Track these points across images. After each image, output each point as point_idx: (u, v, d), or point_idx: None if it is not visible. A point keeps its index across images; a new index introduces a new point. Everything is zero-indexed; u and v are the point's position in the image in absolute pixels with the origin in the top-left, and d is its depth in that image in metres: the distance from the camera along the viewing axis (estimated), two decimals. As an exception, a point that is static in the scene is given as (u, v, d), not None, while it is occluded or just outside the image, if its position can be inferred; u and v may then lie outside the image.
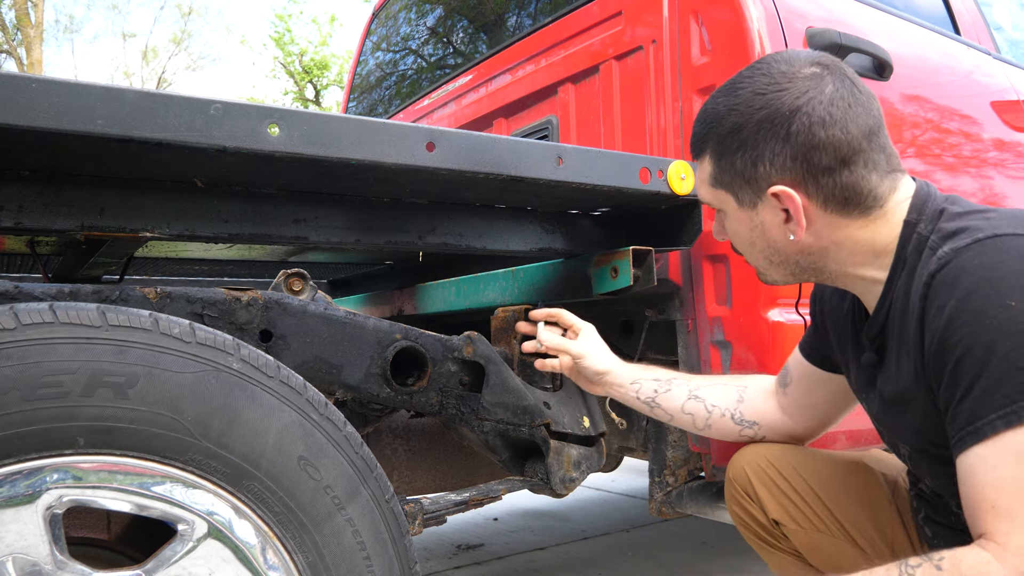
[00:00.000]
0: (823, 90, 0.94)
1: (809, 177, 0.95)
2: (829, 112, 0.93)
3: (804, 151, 0.94)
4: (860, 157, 0.94)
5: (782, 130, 0.95)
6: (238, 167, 1.10)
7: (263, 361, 0.97)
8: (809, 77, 0.95)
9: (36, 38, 16.59)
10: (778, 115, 0.95)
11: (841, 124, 0.93)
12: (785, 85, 0.95)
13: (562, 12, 2.08)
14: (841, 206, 0.97)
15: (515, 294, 1.72)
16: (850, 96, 0.95)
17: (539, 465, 1.48)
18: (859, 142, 0.94)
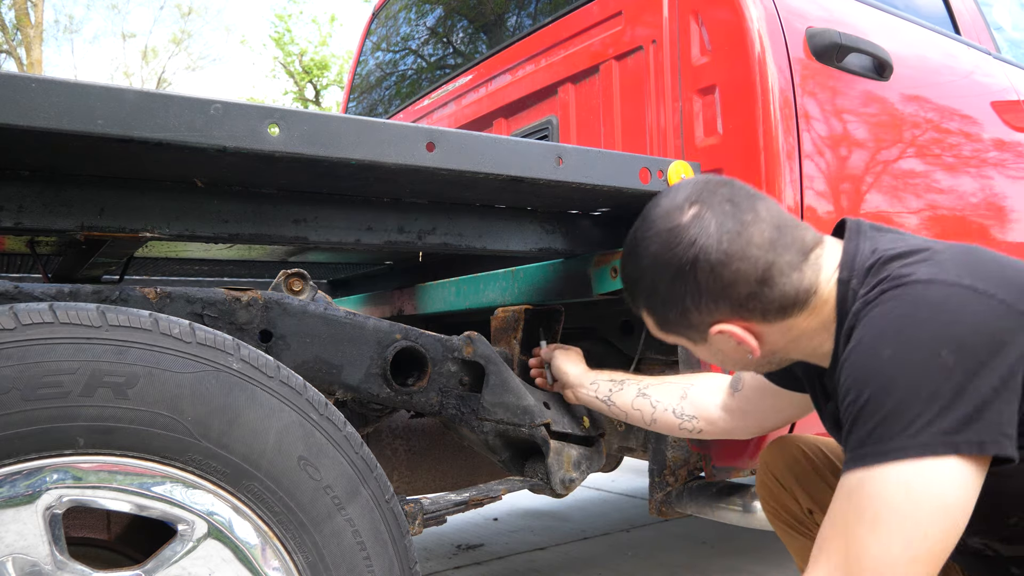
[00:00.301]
0: (708, 231, 0.96)
1: (738, 308, 0.99)
2: (724, 251, 0.95)
3: (720, 293, 0.97)
4: (773, 270, 0.96)
5: (692, 283, 0.98)
6: (238, 167, 1.10)
7: (263, 361, 0.97)
8: (691, 223, 0.97)
9: (36, 38, 16.59)
10: (681, 271, 0.98)
11: (739, 255, 0.95)
12: (674, 241, 0.98)
13: (562, 12, 2.08)
14: (781, 315, 0.99)
15: (515, 294, 1.72)
16: (736, 223, 0.96)
17: (539, 465, 1.48)
18: (765, 259, 0.96)
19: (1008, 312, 0.79)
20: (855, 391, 0.83)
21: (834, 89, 1.71)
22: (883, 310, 0.84)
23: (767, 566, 2.53)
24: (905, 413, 0.77)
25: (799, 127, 1.61)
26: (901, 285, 0.85)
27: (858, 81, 1.75)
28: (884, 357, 0.80)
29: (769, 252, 0.96)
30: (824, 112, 1.68)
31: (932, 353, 0.77)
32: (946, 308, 0.80)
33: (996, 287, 0.81)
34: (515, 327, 1.57)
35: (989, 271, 0.84)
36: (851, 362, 0.85)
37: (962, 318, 0.79)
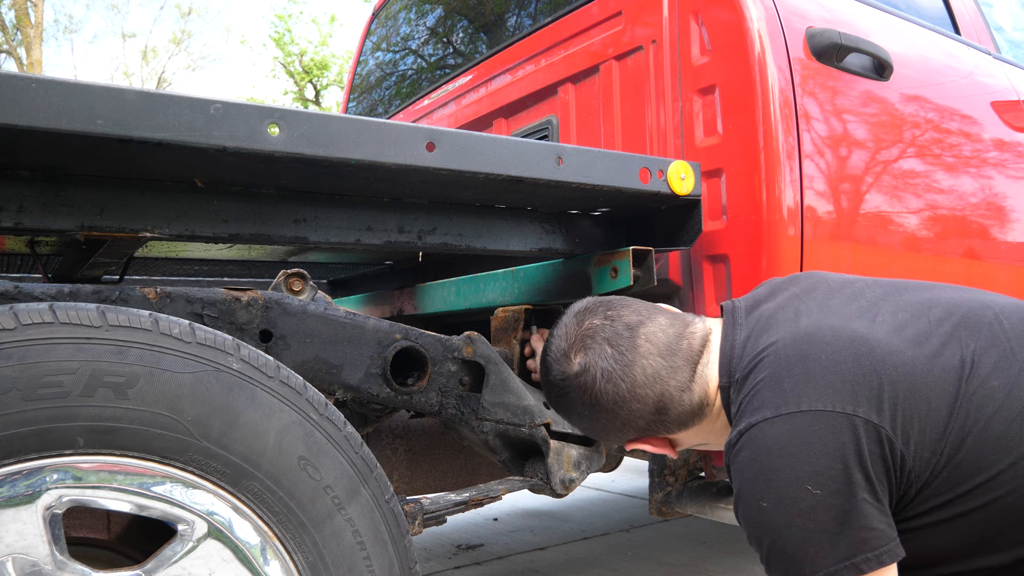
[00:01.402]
0: (596, 380, 1.01)
1: (643, 432, 1.06)
2: (614, 396, 1.00)
3: (622, 427, 1.04)
4: (664, 399, 1.01)
5: (599, 423, 1.05)
6: (238, 167, 1.10)
7: (263, 361, 0.97)
8: (578, 375, 1.02)
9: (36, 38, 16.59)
10: (584, 415, 1.05)
11: (628, 397, 1.01)
12: (570, 391, 1.04)
13: (562, 12, 2.08)
14: (685, 427, 1.06)
15: (515, 294, 1.72)
16: (620, 366, 1.00)
17: (539, 465, 1.48)
18: (653, 393, 1.01)
19: (842, 421, 0.84)
20: (755, 540, 0.90)
21: (834, 89, 1.71)
22: (745, 460, 0.90)
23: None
24: (804, 554, 0.84)
25: (799, 127, 1.61)
26: (751, 427, 0.90)
27: (858, 81, 1.75)
28: (765, 509, 0.86)
29: (656, 384, 1.00)
30: (824, 112, 1.68)
31: (801, 492, 0.83)
32: (792, 445, 0.85)
33: (825, 395, 0.85)
34: (515, 327, 1.57)
35: (816, 372, 0.87)
36: (741, 516, 0.91)
37: (808, 449, 0.84)
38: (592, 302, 1.10)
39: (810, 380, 0.87)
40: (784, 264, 1.55)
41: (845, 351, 0.89)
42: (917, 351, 0.89)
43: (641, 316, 1.04)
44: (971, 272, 1.94)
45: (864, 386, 0.86)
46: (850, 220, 1.69)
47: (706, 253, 1.65)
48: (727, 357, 1.01)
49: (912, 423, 0.85)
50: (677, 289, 1.71)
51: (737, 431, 0.92)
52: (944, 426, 0.85)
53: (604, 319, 1.04)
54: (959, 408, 0.85)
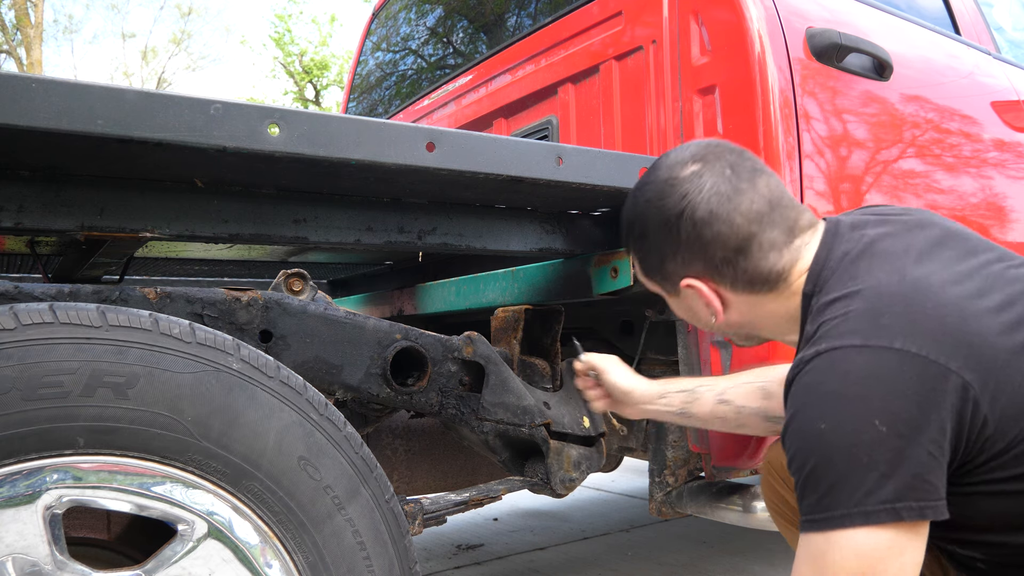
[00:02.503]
0: (702, 189, 1.00)
1: (710, 269, 1.03)
2: (710, 210, 1.00)
3: (697, 250, 1.02)
4: (753, 243, 1.00)
5: (674, 234, 1.03)
6: (238, 167, 1.10)
7: (263, 361, 0.97)
8: (688, 178, 1.02)
9: (36, 38, 16.59)
10: (668, 222, 1.03)
11: (725, 218, 0.99)
12: (668, 192, 1.03)
13: (562, 12, 2.08)
14: (749, 287, 1.03)
15: (515, 294, 1.72)
16: (730, 188, 1.00)
17: (539, 465, 1.48)
18: (747, 229, 0.99)
19: (934, 370, 0.81)
20: (799, 460, 0.86)
21: (834, 89, 1.71)
22: (815, 379, 0.86)
23: (768, 566, 2.53)
24: (848, 484, 0.80)
25: (799, 127, 1.61)
26: (833, 349, 0.86)
27: (858, 81, 1.75)
28: (822, 431, 0.83)
29: (753, 224, 0.99)
30: (824, 112, 1.68)
31: (866, 424, 0.80)
32: (874, 377, 0.82)
33: (923, 341, 0.82)
34: (515, 327, 1.57)
35: (918, 317, 0.85)
36: (792, 432, 0.88)
37: (891, 386, 0.81)
38: (725, 141, 1.09)
39: (911, 323, 0.84)
40: (784, 264, 1.55)
41: (951, 308, 0.85)
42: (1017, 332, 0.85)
43: (766, 168, 1.04)
44: (971, 272, 1.94)
45: (964, 344, 0.83)
46: (850, 220, 1.69)
47: (706, 253, 1.64)
48: (820, 264, 0.99)
49: (1004, 393, 0.82)
50: (677, 289, 1.70)
51: (815, 350, 0.88)
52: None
53: (733, 151, 1.03)
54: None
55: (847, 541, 0.80)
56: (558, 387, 1.57)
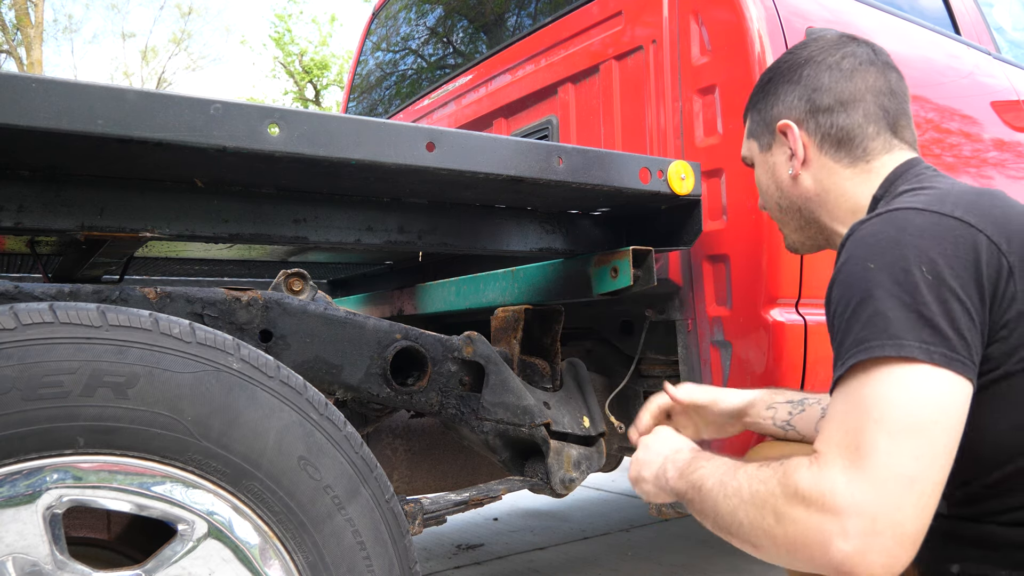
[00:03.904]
0: (840, 48, 1.09)
1: (810, 115, 1.10)
2: (838, 63, 1.08)
3: (809, 91, 1.09)
4: (860, 106, 1.06)
5: (796, 74, 1.12)
6: (238, 167, 1.10)
7: (263, 361, 0.97)
8: (832, 40, 1.11)
9: (36, 38, 16.58)
10: (796, 64, 1.12)
11: (847, 74, 1.07)
12: (809, 43, 1.12)
13: (562, 12, 2.08)
14: (835, 148, 1.08)
15: (515, 294, 1.72)
16: (865, 59, 1.08)
17: (539, 465, 1.48)
18: (862, 93, 1.06)
19: (984, 241, 0.83)
20: (844, 301, 0.86)
21: (834, 89, 1.71)
22: (872, 231, 0.88)
23: (767, 566, 2.53)
24: (888, 318, 0.81)
25: (799, 127, 1.61)
26: (896, 209, 0.89)
27: (858, 81, 1.75)
28: (871, 270, 0.84)
29: (869, 93, 1.07)
30: (824, 112, 1.68)
31: (914, 268, 0.82)
32: (929, 232, 0.84)
33: (981, 220, 0.85)
34: (515, 327, 1.57)
35: (983, 208, 0.87)
36: (840, 277, 0.89)
37: (943, 245, 0.83)
38: None
39: (973, 204, 0.87)
40: (784, 264, 1.55)
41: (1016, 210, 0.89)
42: None
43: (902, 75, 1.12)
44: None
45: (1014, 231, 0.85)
46: (850, 220, 1.69)
47: (706, 253, 1.65)
48: (896, 175, 1.04)
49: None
50: (677, 289, 1.71)
51: (876, 212, 0.91)
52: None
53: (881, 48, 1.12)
54: None
55: (882, 373, 0.80)
56: (558, 387, 1.57)
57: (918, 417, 0.78)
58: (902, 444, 0.77)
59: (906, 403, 0.78)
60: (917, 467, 0.77)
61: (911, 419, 0.78)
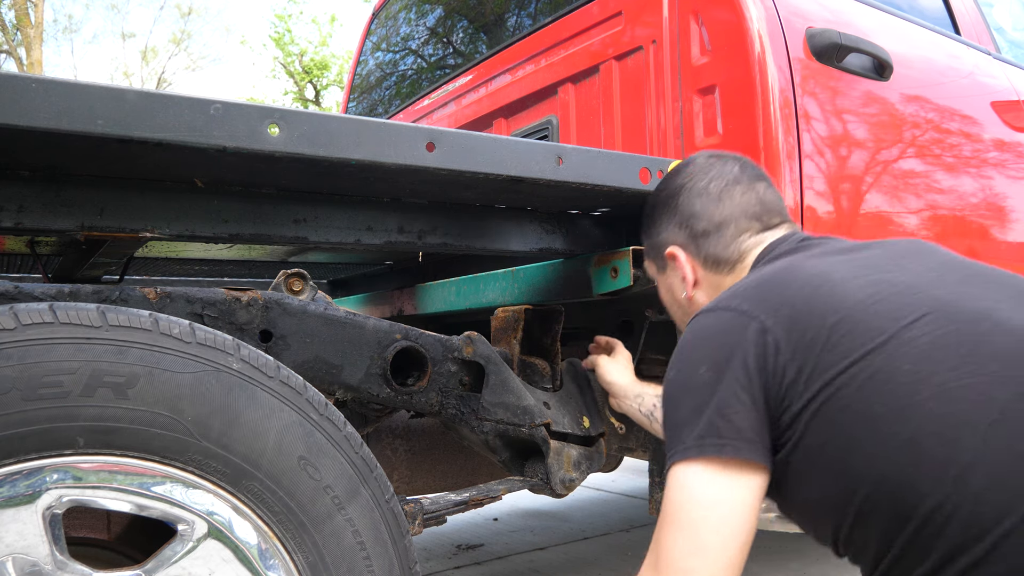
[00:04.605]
0: (708, 172, 1.15)
1: (691, 240, 1.16)
2: (707, 188, 1.14)
3: (686, 219, 1.16)
4: (732, 223, 1.12)
5: (673, 203, 1.18)
6: (238, 167, 1.10)
7: (263, 361, 0.97)
8: (699, 164, 1.17)
9: (36, 38, 16.58)
10: (672, 193, 1.19)
11: (716, 197, 1.13)
12: (681, 171, 1.20)
13: (562, 12, 2.08)
14: (717, 265, 1.14)
15: (515, 294, 1.72)
16: (732, 178, 1.14)
17: (539, 465, 1.48)
18: (733, 213, 1.12)
19: (743, 320, 0.89)
20: (662, 402, 0.96)
21: (834, 89, 1.71)
22: (682, 335, 0.98)
23: (766, 566, 2.53)
24: (679, 423, 0.89)
25: (799, 127, 1.61)
26: (697, 316, 0.97)
27: (858, 81, 1.75)
28: (670, 379, 0.94)
29: (737, 209, 1.12)
30: (824, 112, 1.68)
31: (695, 370, 0.90)
32: (707, 331, 0.92)
33: (757, 305, 0.89)
34: (515, 327, 1.57)
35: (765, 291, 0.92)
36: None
37: (714, 337, 0.91)
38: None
39: (754, 289, 0.93)
40: (784, 264, 1.55)
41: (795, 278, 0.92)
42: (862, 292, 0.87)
43: (771, 182, 1.17)
44: (971, 272, 1.94)
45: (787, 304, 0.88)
46: (850, 220, 1.69)
47: (706, 253, 1.65)
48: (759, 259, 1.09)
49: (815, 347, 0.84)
50: (677, 289, 1.70)
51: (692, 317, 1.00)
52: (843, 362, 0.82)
53: (748, 162, 1.18)
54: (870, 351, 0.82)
55: (678, 475, 0.86)
56: (558, 387, 1.57)
57: (690, 514, 0.84)
58: (679, 541, 0.84)
59: (682, 501, 0.85)
60: (694, 563, 0.83)
61: (685, 516, 0.84)
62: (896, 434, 0.77)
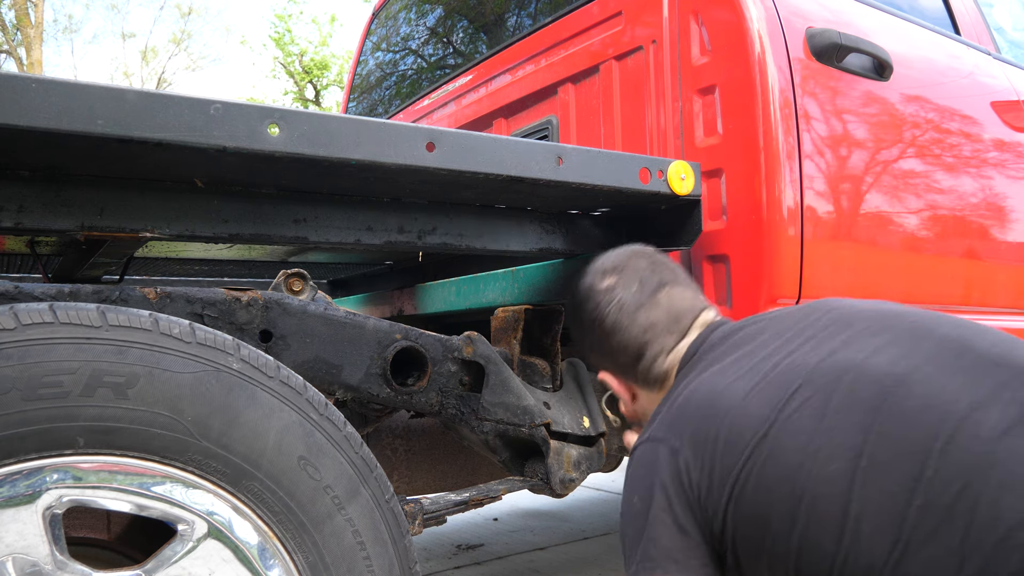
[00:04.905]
0: (610, 303, 1.16)
1: (618, 368, 1.20)
2: (615, 322, 1.15)
3: (606, 353, 1.19)
4: (647, 351, 1.14)
5: (590, 336, 1.21)
6: (238, 167, 1.10)
7: (263, 361, 0.97)
8: (602, 291, 1.17)
9: (36, 38, 16.58)
10: (586, 325, 1.20)
11: (625, 329, 1.15)
12: (588, 300, 1.19)
13: (562, 12, 2.08)
14: (647, 385, 1.18)
15: (515, 294, 1.72)
16: (634, 302, 1.15)
17: (539, 465, 1.48)
18: (643, 339, 1.14)
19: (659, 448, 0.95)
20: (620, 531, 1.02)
21: (834, 89, 1.71)
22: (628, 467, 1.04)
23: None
24: (629, 546, 0.96)
25: (799, 127, 1.61)
26: (635, 446, 1.03)
27: (858, 81, 1.75)
28: (622, 505, 1.01)
29: (648, 333, 1.14)
30: (824, 112, 1.68)
31: (632, 501, 0.97)
32: (635, 463, 1.00)
33: (670, 430, 0.96)
34: (515, 327, 1.57)
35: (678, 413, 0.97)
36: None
37: (638, 468, 0.98)
38: (647, 249, 1.23)
39: (674, 415, 0.99)
40: (784, 264, 1.55)
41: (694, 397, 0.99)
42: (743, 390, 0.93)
43: (674, 278, 1.17)
44: (971, 272, 1.94)
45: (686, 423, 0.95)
46: (850, 220, 1.69)
47: (706, 253, 1.65)
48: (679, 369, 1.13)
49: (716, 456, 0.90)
50: (677, 289, 1.70)
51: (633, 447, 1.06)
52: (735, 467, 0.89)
53: (648, 264, 1.18)
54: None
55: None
56: (558, 387, 1.57)
57: None
58: None
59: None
60: None
61: None
62: (795, 508, 0.82)
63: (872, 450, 0.78)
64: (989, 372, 0.80)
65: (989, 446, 0.73)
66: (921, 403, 0.78)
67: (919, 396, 0.79)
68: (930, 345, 0.85)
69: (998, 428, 0.74)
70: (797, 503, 0.81)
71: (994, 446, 0.73)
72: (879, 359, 0.85)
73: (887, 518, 0.75)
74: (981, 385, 0.79)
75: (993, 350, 0.83)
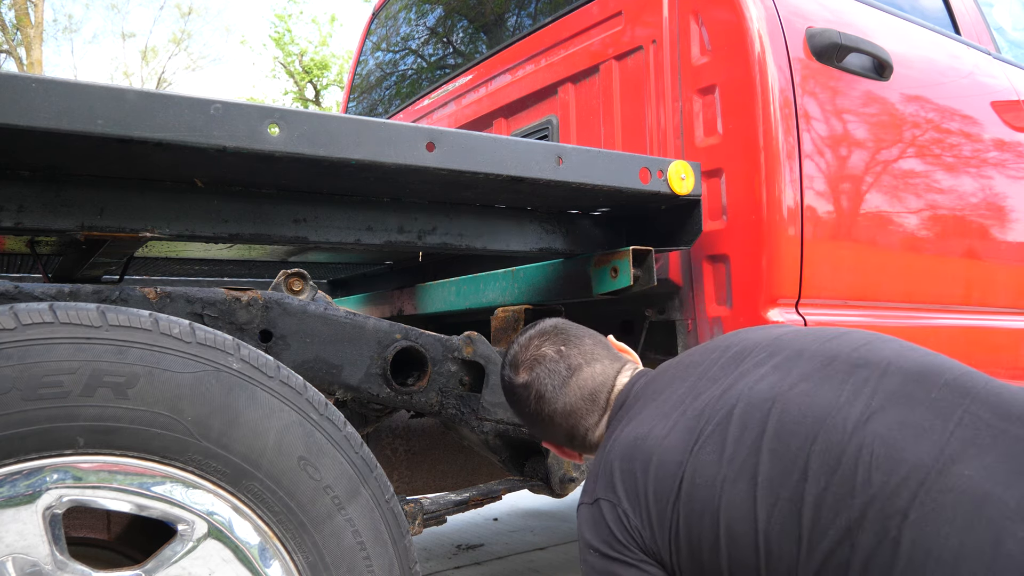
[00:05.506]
0: (530, 395, 1.20)
1: (556, 441, 1.25)
2: (538, 410, 1.20)
3: (541, 432, 1.24)
4: (576, 431, 1.20)
5: (529, 424, 1.25)
6: (238, 167, 1.10)
7: (263, 361, 0.97)
8: (521, 387, 1.21)
9: (36, 38, 16.58)
10: (518, 413, 1.26)
11: (548, 419, 1.19)
12: (511, 393, 1.24)
13: (562, 12, 2.08)
14: (588, 451, 1.22)
15: (515, 294, 1.72)
16: (552, 393, 1.19)
17: (539, 465, 1.48)
18: (568, 423, 1.19)
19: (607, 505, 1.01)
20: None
21: (834, 89, 1.71)
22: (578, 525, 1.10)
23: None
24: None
25: (799, 127, 1.61)
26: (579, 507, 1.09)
27: (858, 81, 1.75)
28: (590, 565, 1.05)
29: (571, 418, 1.19)
30: (824, 112, 1.68)
31: (588, 554, 1.02)
32: (582, 522, 1.05)
33: (606, 487, 1.02)
34: (515, 327, 1.57)
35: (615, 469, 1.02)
36: None
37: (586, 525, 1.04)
38: (553, 329, 1.25)
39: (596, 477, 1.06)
40: (784, 264, 1.55)
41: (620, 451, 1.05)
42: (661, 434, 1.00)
43: (583, 360, 1.21)
44: (971, 272, 1.94)
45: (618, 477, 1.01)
46: (850, 220, 1.69)
47: (706, 253, 1.65)
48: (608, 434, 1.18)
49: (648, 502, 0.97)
50: (677, 289, 1.71)
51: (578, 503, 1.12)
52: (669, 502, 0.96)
53: (555, 352, 1.21)
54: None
55: None
56: (558, 387, 1.57)
57: None
58: None
59: None
60: None
61: None
62: (717, 536, 0.89)
63: (766, 468, 0.88)
64: (852, 373, 0.92)
65: (856, 434, 0.84)
66: (798, 415, 0.89)
67: (795, 411, 0.90)
68: (803, 362, 0.97)
69: (862, 419, 0.85)
70: (718, 530, 0.89)
71: (860, 432, 0.84)
72: (761, 386, 0.96)
73: (789, 520, 0.85)
74: (846, 385, 0.90)
75: (855, 354, 0.95)
